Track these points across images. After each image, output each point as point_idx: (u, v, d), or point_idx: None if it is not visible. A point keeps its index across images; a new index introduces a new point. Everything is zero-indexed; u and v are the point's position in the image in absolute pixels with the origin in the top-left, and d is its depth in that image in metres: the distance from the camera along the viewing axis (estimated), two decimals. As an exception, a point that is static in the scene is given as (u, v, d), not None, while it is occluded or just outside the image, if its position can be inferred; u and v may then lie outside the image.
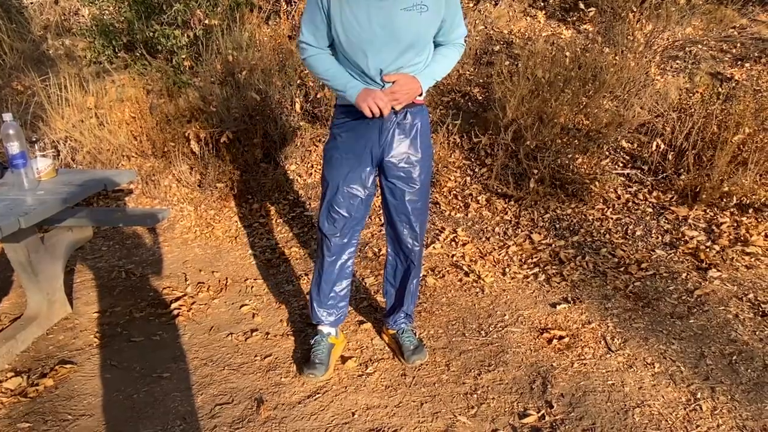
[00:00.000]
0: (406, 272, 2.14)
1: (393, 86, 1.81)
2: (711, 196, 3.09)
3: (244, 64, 3.83)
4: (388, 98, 1.80)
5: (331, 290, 2.11)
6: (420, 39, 1.81)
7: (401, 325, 2.21)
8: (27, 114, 3.94)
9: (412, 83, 1.83)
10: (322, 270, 2.09)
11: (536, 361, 2.13)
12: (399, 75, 1.81)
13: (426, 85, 1.88)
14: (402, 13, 1.72)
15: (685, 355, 2.11)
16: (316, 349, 2.13)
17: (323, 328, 2.17)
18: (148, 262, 3.17)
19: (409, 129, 1.93)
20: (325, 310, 2.13)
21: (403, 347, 2.17)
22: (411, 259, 2.11)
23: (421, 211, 2.04)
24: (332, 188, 1.97)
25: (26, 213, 1.84)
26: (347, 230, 2.03)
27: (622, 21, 3.98)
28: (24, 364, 2.26)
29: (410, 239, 2.07)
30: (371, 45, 1.76)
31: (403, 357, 2.14)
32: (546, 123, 3.38)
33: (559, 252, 2.90)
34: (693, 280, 2.58)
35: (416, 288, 2.20)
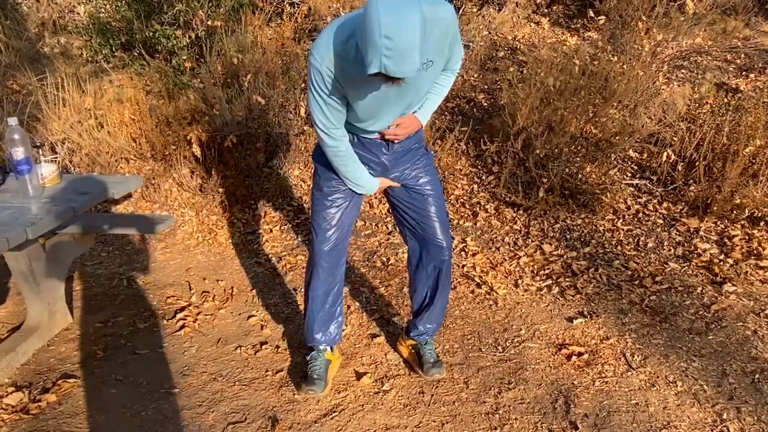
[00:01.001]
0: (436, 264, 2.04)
1: (396, 129, 1.82)
2: (722, 208, 3.07)
3: (250, 67, 3.75)
4: (390, 137, 1.85)
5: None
6: (426, 91, 1.82)
7: (425, 336, 2.14)
8: (23, 114, 3.82)
9: (414, 124, 1.87)
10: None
11: (557, 378, 2.08)
12: (402, 118, 1.82)
13: (426, 120, 1.92)
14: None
15: (707, 373, 2.08)
16: (312, 365, 2.07)
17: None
18: (149, 269, 3.08)
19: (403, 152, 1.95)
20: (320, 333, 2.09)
21: (423, 359, 2.10)
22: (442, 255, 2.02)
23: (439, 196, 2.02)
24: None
25: (33, 223, 1.76)
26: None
27: (630, 30, 3.95)
28: (25, 377, 2.17)
29: (439, 235, 2.00)
30: (382, 113, 1.74)
31: (422, 369, 2.08)
32: (556, 132, 3.35)
33: (571, 264, 2.86)
34: (709, 294, 2.55)
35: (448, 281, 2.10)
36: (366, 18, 1.36)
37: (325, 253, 1.98)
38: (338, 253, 2.02)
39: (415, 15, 1.34)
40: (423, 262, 2.05)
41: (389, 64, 1.36)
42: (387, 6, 1.33)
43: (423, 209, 1.97)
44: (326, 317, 2.06)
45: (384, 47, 1.34)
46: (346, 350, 2.28)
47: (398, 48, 1.34)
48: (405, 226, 2.05)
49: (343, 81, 1.61)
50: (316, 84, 1.61)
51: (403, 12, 1.33)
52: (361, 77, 1.50)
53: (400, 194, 1.99)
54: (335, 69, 1.57)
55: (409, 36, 1.34)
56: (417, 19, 1.35)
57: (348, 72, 1.58)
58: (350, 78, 1.59)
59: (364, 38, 1.38)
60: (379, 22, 1.32)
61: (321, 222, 1.97)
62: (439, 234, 1.98)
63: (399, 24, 1.33)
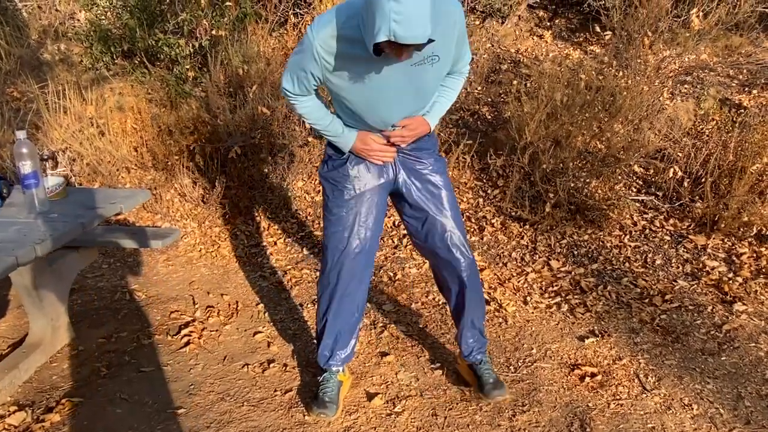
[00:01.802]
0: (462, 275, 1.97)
1: (402, 130, 1.76)
2: (730, 225, 3.06)
3: (255, 78, 3.72)
4: (396, 140, 1.79)
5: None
6: (431, 90, 1.76)
7: (477, 356, 2.07)
8: (24, 122, 3.78)
9: (421, 126, 1.81)
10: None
11: (571, 401, 2.05)
12: (408, 120, 1.76)
13: (434, 123, 1.86)
14: (412, 69, 1.60)
15: (722, 396, 2.06)
16: (324, 387, 2.02)
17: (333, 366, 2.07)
18: (152, 282, 3.03)
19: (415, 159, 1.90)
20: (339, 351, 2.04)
21: (482, 380, 2.02)
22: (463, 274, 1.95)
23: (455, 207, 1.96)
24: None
25: (42, 240, 1.72)
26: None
27: (635, 45, 3.96)
28: (27, 396, 2.12)
29: (459, 250, 1.93)
30: (383, 104, 1.69)
31: (482, 391, 2.00)
32: (563, 147, 3.34)
33: (579, 280, 2.84)
34: (719, 313, 2.53)
35: (480, 287, 2.04)
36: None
37: (341, 273, 1.92)
38: (353, 276, 1.93)
39: None
40: (446, 280, 2.00)
41: (398, 30, 1.31)
42: None
43: (436, 223, 1.90)
44: (340, 342, 2.01)
45: (393, 11, 1.30)
46: (355, 369, 2.25)
47: (407, 12, 1.30)
48: (419, 243, 2.01)
49: (336, 62, 1.57)
50: (300, 52, 1.61)
51: None
52: (359, 57, 1.47)
53: (411, 207, 1.92)
54: (329, 48, 1.55)
55: (419, 3, 1.31)
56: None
57: (345, 51, 1.54)
58: (347, 58, 1.56)
59: (371, 8, 1.34)
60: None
61: (332, 246, 1.91)
62: (457, 249, 1.92)
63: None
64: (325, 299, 1.98)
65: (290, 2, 4.74)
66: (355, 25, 1.48)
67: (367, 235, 1.90)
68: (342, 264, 1.90)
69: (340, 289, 1.93)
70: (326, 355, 2.03)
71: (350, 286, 1.94)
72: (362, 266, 1.94)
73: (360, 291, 1.98)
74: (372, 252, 1.96)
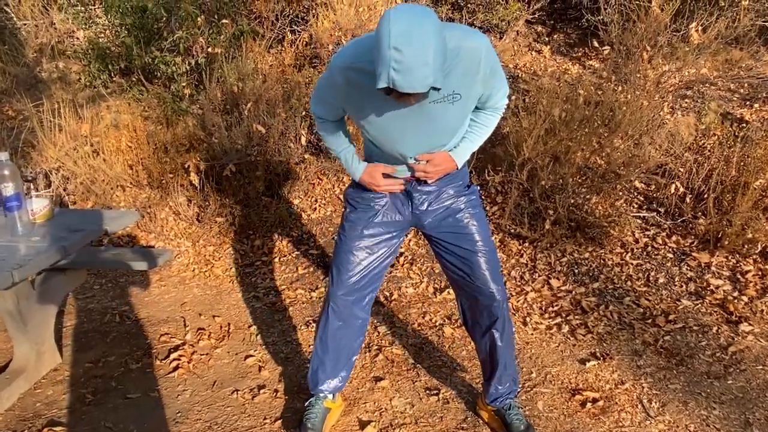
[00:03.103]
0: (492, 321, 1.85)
1: (426, 165, 1.69)
2: (734, 242, 2.99)
3: (250, 95, 3.69)
4: (419, 175, 1.73)
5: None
6: (453, 129, 1.66)
7: (506, 401, 1.93)
8: (18, 140, 3.75)
9: (446, 162, 1.71)
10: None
11: (572, 428, 1.97)
12: (432, 155, 1.68)
13: (462, 160, 1.76)
14: (432, 107, 1.53)
15: (729, 422, 1.97)
16: (309, 413, 1.95)
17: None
18: (143, 303, 2.97)
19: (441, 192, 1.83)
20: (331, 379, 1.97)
21: (511, 427, 1.88)
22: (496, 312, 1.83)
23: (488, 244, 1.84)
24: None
25: (20, 265, 1.66)
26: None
27: (634, 60, 3.93)
28: (9, 424, 2.05)
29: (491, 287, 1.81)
30: (399, 139, 1.64)
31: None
32: (562, 163, 3.28)
33: (580, 300, 2.77)
34: (725, 334, 2.46)
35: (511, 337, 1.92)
36: (378, 29, 1.30)
37: (339, 298, 1.85)
38: (356, 302, 1.86)
39: (427, 27, 1.26)
40: (476, 320, 1.87)
41: (397, 78, 1.28)
42: (399, 17, 1.27)
43: (468, 258, 1.79)
44: (333, 367, 1.94)
45: (392, 59, 1.26)
46: (348, 395, 2.17)
47: (407, 61, 1.26)
48: (451, 278, 1.89)
49: (353, 93, 1.56)
50: (323, 78, 1.67)
51: (415, 23, 1.26)
52: (375, 91, 1.42)
53: (443, 241, 1.82)
54: (347, 78, 1.54)
55: (420, 49, 1.26)
56: (430, 32, 1.26)
57: (361, 83, 1.51)
58: (363, 90, 1.52)
59: (376, 51, 1.32)
60: (389, 33, 1.26)
61: (340, 266, 1.85)
62: (490, 285, 1.78)
63: (409, 36, 1.25)
64: (321, 320, 1.91)
65: (287, 19, 4.74)
66: (371, 60, 1.42)
67: (373, 264, 1.84)
68: (344, 286, 1.84)
69: (337, 313, 1.86)
70: (314, 381, 1.96)
71: (346, 313, 1.87)
72: (364, 293, 1.87)
73: (357, 319, 1.90)
74: (374, 282, 1.88)
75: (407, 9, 1.29)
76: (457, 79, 1.48)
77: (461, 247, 1.79)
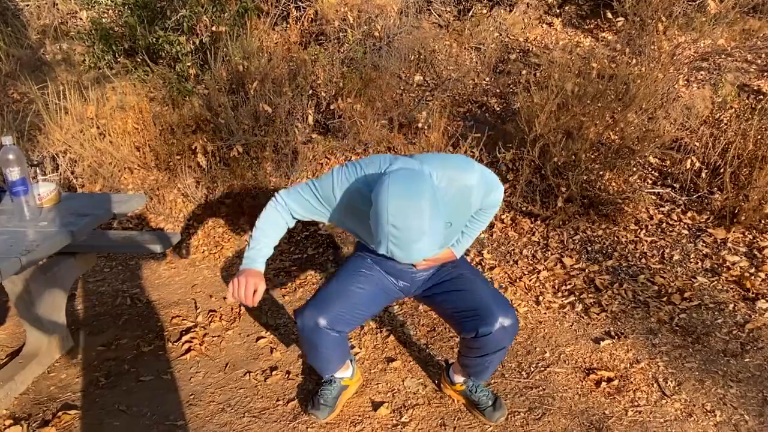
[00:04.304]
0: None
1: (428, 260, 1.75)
2: (750, 218, 2.93)
3: (255, 74, 3.63)
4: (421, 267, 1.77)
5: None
6: (449, 241, 1.74)
7: (471, 381, 1.93)
8: (24, 124, 3.72)
9: (446, 256, 1.80)
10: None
11: (587, 408, 1.95)
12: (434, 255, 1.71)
13: (461, 253, 1.84)
14: None
15: (746, 401, 1.95)
16: (324, 390, 1.95)
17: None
18: (154, 285, 2.97)
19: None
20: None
21: (480, 405, 1.90)
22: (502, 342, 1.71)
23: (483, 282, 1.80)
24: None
25: (28, 251, 1.65)
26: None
27: (648, 31, 3.82)
28: (23, 408, 2.06)
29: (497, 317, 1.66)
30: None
31: (484, 416, 1.88)
32: (575, 138, 3.21)
33: (594, 278, 2.73)
34: (742, 312, 2.42)
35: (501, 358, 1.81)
36: (376, 200, 1.37)
37: (312, 327, 1.72)
38: (330, 318, 1.73)
39: (423, 205, 1.33)
40: (478, 347, 1.72)
41: (395, 251, 1.37)
42: (396, 193, 1.33)
43: (464, 290, 1.73)
44: (332, 367, 1.92)
45: (391, 234, 1.34)
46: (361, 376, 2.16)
47: (404, 237, 1.34)
48: (453, 318, 1.76)
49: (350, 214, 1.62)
50: (319, 182, 1.62)
51: (412, 202, 1.32)
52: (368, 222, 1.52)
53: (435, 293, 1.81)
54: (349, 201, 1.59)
55: (416, 227, 1.33)
56: (425, 209, 1.33)
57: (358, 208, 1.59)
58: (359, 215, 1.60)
59: (374, 217, 1.39)
60: (387, 209, 1.33)
61: (324, 293, 1.76)
62: (493, 306, 1.66)
63: (406, 215, 1.32)
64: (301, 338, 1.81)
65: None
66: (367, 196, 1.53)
67: (358, 302, 1.77)
68: (324, 307, 1.74)
69: (315, 333, 1.74)
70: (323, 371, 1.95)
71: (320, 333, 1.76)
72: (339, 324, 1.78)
73: (338, 335, 1.79)
74: (354, 320, 1.79)
75: (403, 181, 1.35)
76: (450, 211, 1.57)
77: (454, 287, 1.77)
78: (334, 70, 4.00)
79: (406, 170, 1.40)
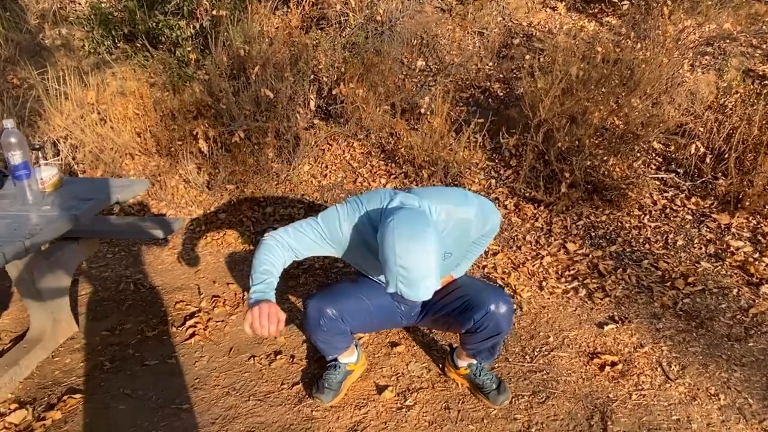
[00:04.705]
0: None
1: None
2: (755, 203, 2.92)
3: (257, 59, 3.60)
4: None
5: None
6: (449, 270, 1.82)
7: (474, 365, 1.95)
8: (24, 109, 3.70)
9: (447, 281, 1.87)
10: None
11: (590, 391, 1.96)
12: None
13: (459, 276, 1.91)
14: None
15: (750, 385, 1.95)
16: (328, 374, 1.97)
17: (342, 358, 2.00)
18: (157, 271, 2.97)
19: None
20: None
21: (484, 388, 1.91)
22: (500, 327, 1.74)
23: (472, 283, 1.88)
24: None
25: (32, 234, 1.64)
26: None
27: (653, 15, 3.78)
28: (28, 393, 2.06)
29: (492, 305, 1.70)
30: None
31: (488, 399, 1.90)
32: (580, 124, 3.19)
33: (597, 264, 2.73)
34: (746, 296, 2.41)
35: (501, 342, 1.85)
36: (383, 243, 1.43)
37: (320, 318, 1.77)
38: (339, 308, 1.78)
39: (429, 246, 1.39)
40: (476, 332, 1.75)
41: (404, 290, 1.43)
42: (402, 236, 1.40)
43: (456, 290, 1.80)
44: (338, 350, 1.94)
45: (400, 275, 1.41)
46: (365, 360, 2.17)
47: (413, 277, 1.40)
48: (450, 318, 1.81)
49: (355, 249, 1.66)
50: (323, 221, 1.65)
51: (418, 244, 1.39)
52: (372, 257, 1.62)
53: (431, 308, 1.87)
54: (357, 235, 1.63)
55: (424, 267, 1.39)
56: (431, 250, 1.39)
57: (361, 244, 1.65)
58: (362, 250, 1.66)
59: (382, 257, 1.44)
60: (395, 251, 1.40)
61: (338, 288, 1.85)
62: (486, 295, 1.70)
63: (414, 257, 1.39)
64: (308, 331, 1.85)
65: (293, -21, 4.59)
66: (371, 233, 1.60)
67: (365, 309, 1.83)
68: (335, 300, 1.79)
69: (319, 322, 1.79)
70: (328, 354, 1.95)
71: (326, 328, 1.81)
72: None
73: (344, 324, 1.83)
74: (359, 319, 1.85)
75: (407, 223, 1.42)
76: (450, 242, 1.63)
77: (444, 290, 1.83)
78: (335, 54, 3.97)
79: (408, 211, 1.48)
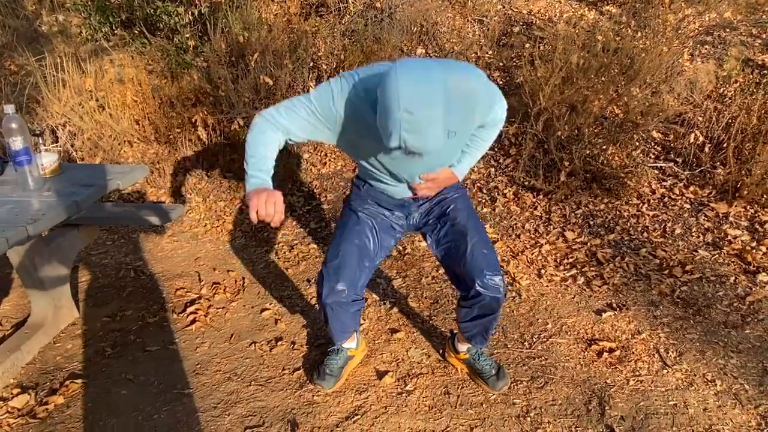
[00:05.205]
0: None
1: (428, 183, 1.70)
2: (753, 192, 2.93)
3: (256, 46, 3.58)
4: (422, 194, 1.73)
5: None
6: (450, 159, 1.71)
7: (474, 350, 1.97)
8: (22, 96, 3.68)
9: (448, 180, 1.75)
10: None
11: (588, 377, 1.98)
12: (436, 174, 1.68)
13: (463, 175, 1.79)
14: None
15: (746, 371, 1.97)
16: (330, 359, 1.98)
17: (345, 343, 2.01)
18: (157, 258, 2.97)
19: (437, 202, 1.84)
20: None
21: (483, 373, 1.93)
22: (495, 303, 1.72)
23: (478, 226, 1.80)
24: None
25: (35, 220, 1.64)
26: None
27: (654, 3, 3.76)
28: (30, 378, 2.08)
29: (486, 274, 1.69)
30: (395, 170, 1.65)
31: (487, 384, 1.92)
32: (580, 113, 3.19)
33: (596, 252, 2.74)
34: (742, 284, 2.43)
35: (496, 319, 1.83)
36: (385, 89, 1.27)
37: (332, 274, 1.74)
38: (349, 281, 1.74)
39: (437, 87, 1.25)
40: (470, 307, 1.75)
41: (409, 139, 1.27)
42: (407, 77, 1.24)
43: (460, 248, 1.73)
44: (344, 326, 1.90)
45: (404, 121, 1.25)
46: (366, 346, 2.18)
47: (419, 122, 1.25)
48: (447, 270, 1.83)
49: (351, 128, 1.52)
50: (316, 97, 1.51)
51: (425, 84, 1.24)
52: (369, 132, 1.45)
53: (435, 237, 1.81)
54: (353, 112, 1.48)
55: (432, 110, 1.25)
56: (440, 92, 1.25)
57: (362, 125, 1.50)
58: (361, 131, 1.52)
59: (382, 110, 1.29)
60: (398, 94, 1.23)
61: (334, 248, 1.78)
62: (484, 270, 1.68)
63: (420, 97, 1.23)
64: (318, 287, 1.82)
65: (292, -35, 4.55)
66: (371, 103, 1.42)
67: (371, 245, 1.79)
68: (340, 272, 1.74)
69: (334, 282, 1.74)
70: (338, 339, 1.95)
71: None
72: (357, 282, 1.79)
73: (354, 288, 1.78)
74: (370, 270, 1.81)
75: (413, 68, 1.26)
76: (457, 119, 1.46)
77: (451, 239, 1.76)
78: (335, 42, 3.95)
79: (414, 59, 1.31)
